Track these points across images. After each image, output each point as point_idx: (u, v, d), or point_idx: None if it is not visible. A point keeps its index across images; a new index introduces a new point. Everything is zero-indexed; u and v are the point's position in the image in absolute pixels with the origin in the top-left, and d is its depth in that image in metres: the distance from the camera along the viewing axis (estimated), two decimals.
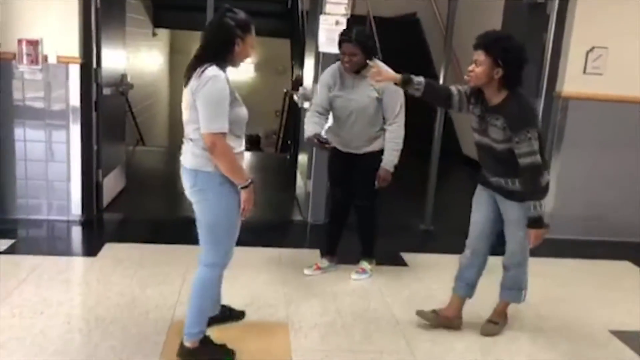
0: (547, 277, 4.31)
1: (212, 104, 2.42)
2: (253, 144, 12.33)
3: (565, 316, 3.57)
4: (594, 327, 3.44)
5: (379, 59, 3.56)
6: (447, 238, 4.76)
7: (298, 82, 6.36)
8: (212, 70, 2.44)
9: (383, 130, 3.59)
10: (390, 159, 3.56)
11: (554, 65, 4.87)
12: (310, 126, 3.61)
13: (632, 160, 4.95)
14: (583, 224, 4.99)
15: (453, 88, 3.03)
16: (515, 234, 3.02)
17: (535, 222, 2.81)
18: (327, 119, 3.70)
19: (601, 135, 4.89)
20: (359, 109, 3.53)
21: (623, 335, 3.33)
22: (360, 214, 3.83)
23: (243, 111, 2.61)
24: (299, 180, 5.55)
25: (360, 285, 3.77)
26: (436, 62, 8.05)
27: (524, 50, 2.79)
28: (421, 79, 3.00)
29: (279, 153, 9.69)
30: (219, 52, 2.50)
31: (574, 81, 4.78)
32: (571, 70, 4.77)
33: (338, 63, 3.63)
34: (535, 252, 4.77)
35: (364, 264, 3.89)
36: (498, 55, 2.72)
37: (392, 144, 3.55)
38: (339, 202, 3.88)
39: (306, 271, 3.89)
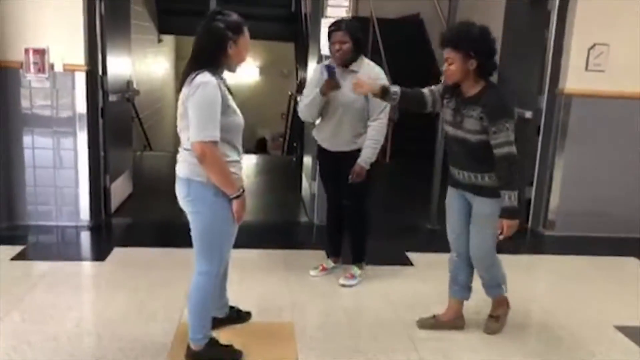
0: (552, 273, 4.33)
1: (201, 111, 2.35)
2: (260, 147, 12.40)
3: (571, 312, 3.58)
4: (600, 323, 3.44)
5: (367, 55, 3.61)
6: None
7: (302, 85, 6.39)
8: (203, 77, 2.38)
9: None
10: (367, 156, 3.51)
11: (556, 62, 4.89)
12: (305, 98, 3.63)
13: (636, 156, 4.95)
14: (588, 220, 4.99)
15: (425, 90, 3.05)
16: (482, 231, 2.97)
17: (510, 213, 2.77)
18: None
19: (604, 132, 4.89)
20: (346, 103, 3.51)
21: (628, 331, 3.33)
22: (349, 215, 3.79)
23: (238, 119, 2.54)
24: (305, 182, 5.59)
25: (366, 285, 3.79)
26: (439, 61, 8.07)
27: (490, 35, 2.77)
28: (397, 88, 3.03)
29: (285, 155, 9.73)
30: (212, 56, 2.44)
31: (576, 78, 4.79)
32: (573, 67, 4.78)
33: (329, 60, 3.65)
34: (541, 249, 4.86)
35: (354, 269, 3.82)
36: (468, 48, 2.72)
37: (371, 141, 3.50)
38: (333, 204, 3.88)
39: (312, 272, 3.92)
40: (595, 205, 5.00)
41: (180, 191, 2.57)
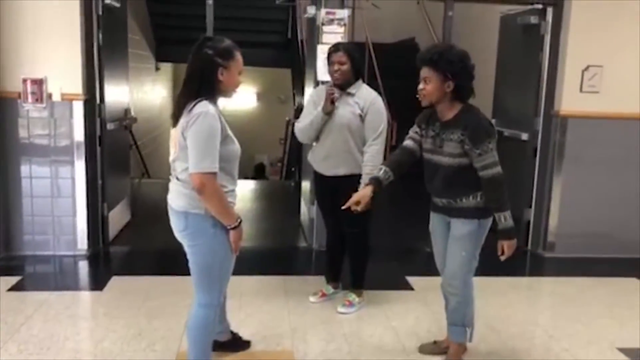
0: (554, 295, 4.30)
1: (201, 142, 2.31)
2: (258, 172, 12.42)
3: (573, 334, 3.55)
4: (602, 345, 3.41)
5: (364, 80, 3.63)
6: None
7: (299, 110, 6.43)
8: (202, 106, 2.34)
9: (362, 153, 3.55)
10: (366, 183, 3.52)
11: (551, 84, 4.93)
12: (304, 118, 3.65)
13: (634, 176, 4.96)
14: (587, 242, 4.98)
15: (407, 142, 2.99)
16: (456, 254, 2.87)
17: (507, 233, 2.73)
18: None
19: (601, 152, 4.91)
20: (340, 124, 3.52)
21: (631, 353, 3.30)
22: (349, 242, 3.76)
23: (236, 147, 2.51)
24: (303, 207, 5.58)
25: (366, 310, 3.75)
26: None
27: (469, 58, 2.75)
28: (383, 168, 2.96)
29: (283, 180, 9.74)
30: (203, 84, 2.39)
31: (571, 100, 4.83)
32: (568, 89, 4.82)
33: (328, 84, 3.67)
34: (541, 271, 4.83)
35: (352, 297, 3.77)
36: (446, 69, 2.68)
37: (369, 167, 3.45)
38: (332, 230, 3.87)
39: (311, 298, 3.88)
40: (595, 226, 4.99)
41: (177, 224, 2.52)
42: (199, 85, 2.40)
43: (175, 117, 2.42)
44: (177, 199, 2.49)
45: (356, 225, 3.64)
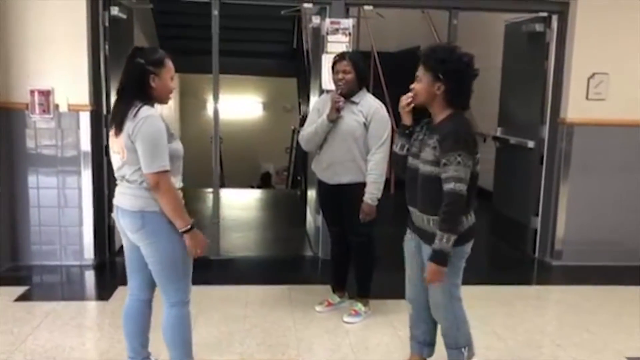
0: (561, 304, 4.27)
1: (150, 143, 2.41)
2: (264, 181, 12.43)
3: (582, 344, 3.52)
4: (610, 354, 3.38)
5: (369, 89, 3.65)
6: None
7: (305, 120, 6.44)
8: (146, 110, 2.44)
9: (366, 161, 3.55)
10: (371, 192, 3.48)
11: (557, 92, 4.92)
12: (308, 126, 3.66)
13: None
14: (595, 250, 4.95)
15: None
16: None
17: (439, 257, 2.45)
18: None
19: (608, 160, 4.89)
20: (344, 132, 3.52)
21: None
22: (355, 251, 3.75)
23: (180, 146, 2.59)
24: (309, 216, 5.57)
25: (373, 320, 3.74)
26: None
27: (466, 61, 2.52)
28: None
29: (289, 189, 9.74)
30: (138, 91, 2.48)
31: (577, 107, 4.81)
32: (574, 96, 4.81)
33: (332, 92, 3.69)
34: (549, 280, 4.80)
35: (358, 306, 3.76)
36: (436, 68, 2.50)
37: (373, 176, 3.48)
38: (336, 238, 3.86)
39: (317, 308, 3.87)
40: (602, 234, 4.96)
41: (132, 225, 2.54)
42: (134, 92, 2.48)
43: (118, 125, 2.48)
44: (131, 200, 2.53)
45: (361, 233, 3.64)
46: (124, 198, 2.57)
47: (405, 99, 2.67)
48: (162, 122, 2.47)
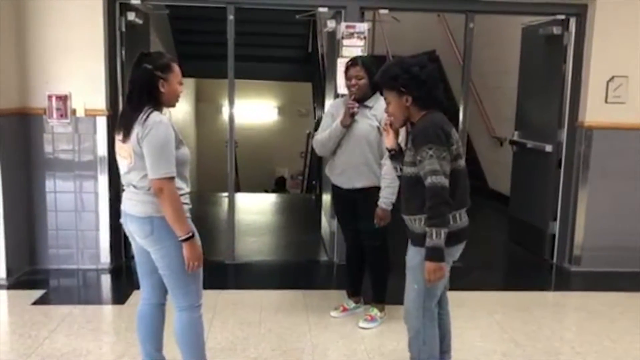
0: (580, 310, 4.21)
1: (158, 149, 2.43)
2: (279, 185, 12.45)
3: (602, 351, 3.46)
4: None
5: (380, 91, 3.62)
6: (477, 274, 4.71)
7: (319, 124, 6.44)
8: (155, 116, 2.46)
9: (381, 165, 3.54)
10: (386, 197, 3.46)
11: (575, 95, 4.86)
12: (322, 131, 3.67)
13: None
14: (614, 255, 4.87)
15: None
16: (409, 286, 2.68)
17: (433, 253, 2.43)
18: None
19: (628, 164, 4.81)
20: (357, 136, 3.52)
21: None
22: (369, 255, 3.73)
23: (187, 151, 2.61)
24: (324, 220, 5.56)
25: (388, 326, 3.71)
26: (456, 96, 8.09)
27: (417, 66, 2.55)
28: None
29: (304, 194, 9.74)
30: (147, 96, 2.50)
31: (596, 111, 4.75)
32: (592, 100, 4.74)
33: (346, 97, 3.69)
34: (567, 286, 4.73)
35: (374, 311, 3.74)
36: (395, 85, 2.56)
37: (387, 180, 3.45)
38: (352, 243, 3.84)
39: (333, 313, 3.85)
40: (622, 239, 4.87)
41: (141, 231, 2.56)
42: (142, 96, 2.50)
43: (126, 130, 2.49)
44: (139, 206, 2.54)
45: (375, 238, 3.62)
46: (131, 204, 2.58)
47: (385, 121, 2.76)
48: (171, 128, 2.49)
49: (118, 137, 2.55)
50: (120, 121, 2.57)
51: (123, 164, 2.57)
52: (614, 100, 4.72)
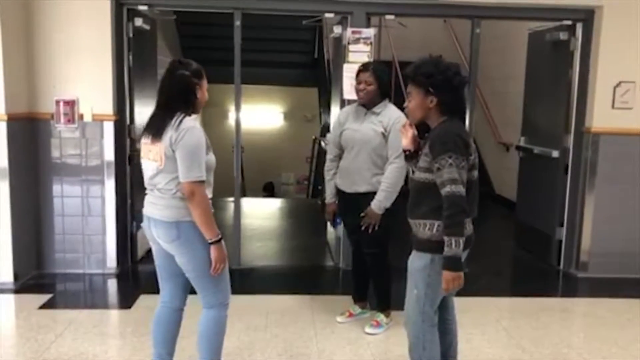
0: (588, 317, 4.19)
1: (191, 153, 2.48)
2: (267, 190, 12.24)
3: (609, 357, 3.44)
4: None
5: (391, 99, 3.65)
6: (483, 280, 4.69)
7: (326, 129, 6.44)
8: (189, 121, 2.52)
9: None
10: (379, 199, 3.46)
11: (582, 101, 4.85)
12: (329, 189, 3.78)
13: None
14: (621, 261, 4.85)
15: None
16: (410, 291, 2.65)
17: (450, 262, 2.41)
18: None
19: (635, 170, 4.79)
20: (362, 140, 3.54)
21: None
22: (370, 262, 3.71)
23: (213, 158, 2.66)
24: (330, 225, 5.55)
25: (394, 331, 3.69)
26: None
27: (452, 70, 2.53)
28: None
29: (310, 199, 9.73)
30: (183, 102, 2.56)
31: (603, 116, 4.73)
32: (599, 105, 4.73)
33: (355, 104, 3.71)
34: (574, 292, 4.71)
35: (380, 317, 3.73)
36: (425, 83, 2.51)
37: (385, 185, 3.46)
38: (357, 249, 3.82)
39: (339, 319, 3.85)
40: (629, 245, 4.85)
41: (167, 235, 2.58)
42: (180, 102, 2.56)
43: (157, 133, 2.53)
44: (166, 211, 2.57)
45: (374, 245, 3.62)
46: (156, 209, 2.59)
47: (403, 122, 2.75)
48: (203, 133, 2.55)
49: (145, 140, 2.58)
50: (150, 124, 2.60)
51: (150, 167, 2.59)
52: (621, 106, 4.70)
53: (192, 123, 2.53)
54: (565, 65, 4.94)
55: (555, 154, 5.04)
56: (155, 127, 2.55)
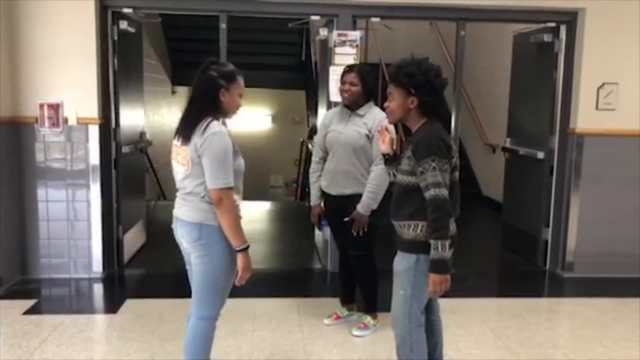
0: (574, 317, 4.21)
1: (218, 160, 2.45)
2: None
3: (595, 357, 3.46)
4: None
5: (377, 101, 3.66)
6: (470, 281, 4.71)
7: (313, 131, 6.45)
8: (215, 126, 2.47)
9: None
10: (365, 202, 3.46)
11: (566, 102, 4.89)
12: (314, 191, 3.77)
13: None
14: (607, 261, 4.88)
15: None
16: (396, 292, 2.66)
17: (437, 265, 2.43)
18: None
19: (619, 170, 4.84)
20: (346, 142, 3.54)
21: None
22: (356, 265, 3.71)
23: (242, 162, 2.63)
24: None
25: (382, 333, 3.69)
26: (449, 104, 8.12)
27: (434, 71, 2.54)
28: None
29: (298, 201, 9.72)
30: (206, 104, 2.53)
31: (587, 117, 4.78)
32: (583, 106, 4.77)
33: (340, 106, 3.72)
34: (560, 292, 4.74)
35: (367, 319, 3.73)
36: (406, 83, 2.52)
37: (371, 186, 3.46)
38: (343, 251, 3.83)
39: (326, 321, 3.84)
40: (614, 245, 4.89)
41: (189, 235, 2.57)
42: (204, 104, 2.53)
43: (186, 135, 2.50)
44: (192, 212, 2.56)
45: (359, 248, 3.62)
46: (183, 210, 2.60)
47: (381, 126, 2.78)
48: (230, 139, 2.50)
49: (176, 142, 2.56)
50: (181, 125, 2.57)
51: (180, 170, 2.58)
52: (605, 107, 4.75)
53: (218, 128, 2.47)
54: (550, 67, 4.98)
55: (540, 155, 5.08)
56: (184, 128, 2.52)
